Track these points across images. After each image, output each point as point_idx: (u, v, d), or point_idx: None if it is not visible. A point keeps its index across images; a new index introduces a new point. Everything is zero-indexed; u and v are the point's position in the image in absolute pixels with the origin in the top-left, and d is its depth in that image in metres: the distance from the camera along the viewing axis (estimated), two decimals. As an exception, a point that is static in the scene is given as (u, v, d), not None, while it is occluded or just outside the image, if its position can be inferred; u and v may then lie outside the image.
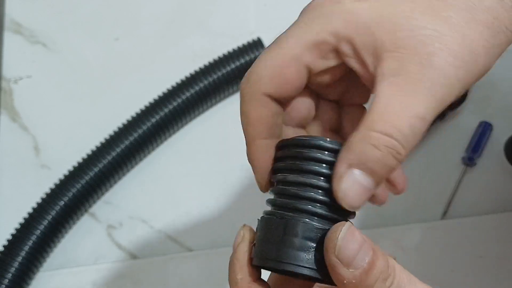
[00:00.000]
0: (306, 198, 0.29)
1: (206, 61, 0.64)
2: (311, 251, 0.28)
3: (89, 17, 0.72)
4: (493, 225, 0.57)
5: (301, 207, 0.28)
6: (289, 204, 0.29)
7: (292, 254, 0.28)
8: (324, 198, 0.28)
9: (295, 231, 0.28)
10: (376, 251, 0.27)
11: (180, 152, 0.64)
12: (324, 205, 0.29)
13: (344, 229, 0.27)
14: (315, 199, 0.28)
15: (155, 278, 0.59)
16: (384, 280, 0.27)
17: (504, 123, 0.61)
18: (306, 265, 0.28)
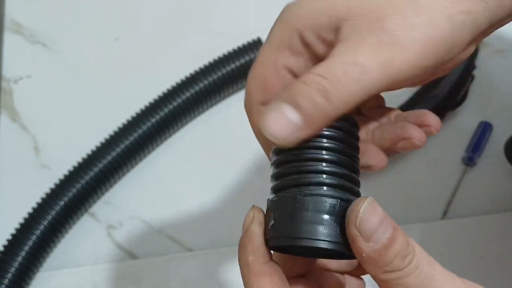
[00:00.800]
0: (312, 172, 0.28)
1: (206, 61, 0.64)
2: (328, 224, 0.28)
3: (89, 17, 0.72)
4: (493, 225, 0.57)
5: (309, 180, 0.28)
6: (297, 181, 0.29)
7: (309, 229, 0.27)
8: (332, 169, 0.29)
9: (309, 206, 0.28)
10: (397, 228, 0.28)
11: (180, 152, 0.64)
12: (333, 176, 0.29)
13: (366, 202, 0.27)
14: (322, 171, 0.28)
15: (155, 278, 0.59)
16: (403, 258, 0.27)
17: (504, 123, 0.61)
18: (325, 238, 0.27)
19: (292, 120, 0.27)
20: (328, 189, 0.28)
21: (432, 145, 0.61)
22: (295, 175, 0.29)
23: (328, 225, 0.27)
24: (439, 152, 0.61)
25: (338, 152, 0.29)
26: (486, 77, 0.63)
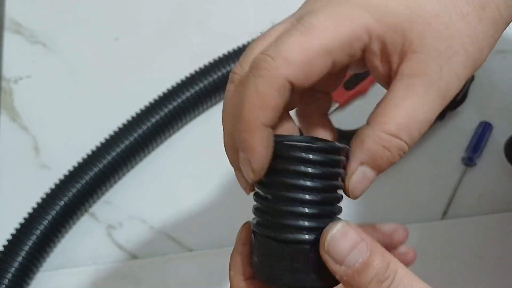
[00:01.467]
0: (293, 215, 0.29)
1: (206, 61, 0.64)
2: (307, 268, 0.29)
3: (89, 17, 0.72)
4: (493, 225, 0.57)
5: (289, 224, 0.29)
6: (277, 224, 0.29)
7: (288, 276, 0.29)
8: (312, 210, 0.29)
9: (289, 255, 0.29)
10: (374, 251, 0.27)
11: (180, 152, 0.64)
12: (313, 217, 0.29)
13: (335, 228, 0.28)
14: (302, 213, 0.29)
15: (155, 278, 0.59)
16: (379, 282, 0.27)
17: (504, 123, 0.61)
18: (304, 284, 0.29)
19: (371, 179, 0.30)
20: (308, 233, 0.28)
21: (432, 145, 0.61)
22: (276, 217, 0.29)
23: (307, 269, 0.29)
24: (439, 152, 0.61)
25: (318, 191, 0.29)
26: (486, 77, 0.63)
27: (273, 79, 0.27)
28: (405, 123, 0.28)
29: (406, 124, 0.28)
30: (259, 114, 0.28)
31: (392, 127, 0.28)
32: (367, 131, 0.29)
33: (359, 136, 0.29)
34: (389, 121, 0.28)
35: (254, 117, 0.28)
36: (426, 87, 0.28)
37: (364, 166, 0.29)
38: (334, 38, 0.28)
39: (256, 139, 0.28)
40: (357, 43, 0.28)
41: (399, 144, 0.28)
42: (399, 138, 0.28)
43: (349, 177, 0.29)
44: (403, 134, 0.28)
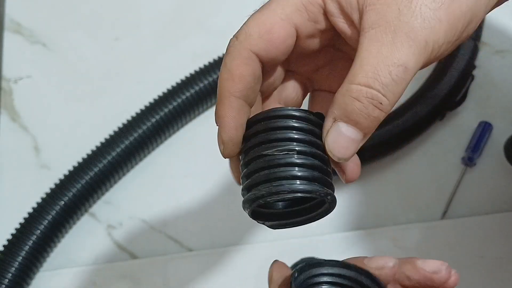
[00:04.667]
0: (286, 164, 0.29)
1: (206, 61, 0.64)
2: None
3: (89, 17, 0.72)
4: (493, 225, 0.57)
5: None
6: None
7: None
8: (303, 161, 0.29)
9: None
10: None
11: (180, 152, 0.64)
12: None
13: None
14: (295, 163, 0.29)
15: (155, 278, 0.59)
16: None
17: (504, 123, 0.61)
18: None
19: (354, 139, 0.29)
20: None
21: (432, 145, 0.61)
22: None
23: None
24: (439, 152, 0.61)
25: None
26: (486, 77, 0.63)
27: (238, 52, 0.30)
28: (371, 70, 0.27)
29: (372, 71, 0.27)
30: (228, 85, 0.30)
31: (358, 77, 0.28)
32: (338, 89, 0.29)
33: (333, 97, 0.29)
34: (356, 72, 0.28)
35: (224, 89, 0.30)
36: (389, 34, 0.27)
37: (339, 122, 0.29)
38: (287, 5, 0.30)
39: (225, 109, 0.30)
40: (312, 6, 0.30)
41: (369, 92, 0.27)
42: (367, 86, 0.27)
43: (325, 135, 0.29)
44: (371, 81, 0.27)
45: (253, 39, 0.30)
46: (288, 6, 0.30)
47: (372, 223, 0.58)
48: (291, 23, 0.30)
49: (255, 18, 0.30)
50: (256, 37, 0.30)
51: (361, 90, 0.28)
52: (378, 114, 0.28)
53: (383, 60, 0.27)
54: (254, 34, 0.30)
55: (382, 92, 0.27)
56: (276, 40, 0.30)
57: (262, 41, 0.30)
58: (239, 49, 0.30)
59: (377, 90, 0.27)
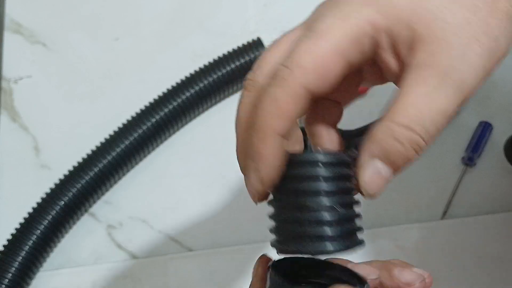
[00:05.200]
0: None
1: (206, 61, 0.64)
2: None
3: (89, 17, 0.72)
4: (493, 225, 0.57)
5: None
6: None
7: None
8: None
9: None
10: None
11: (180, 152, 0.64)
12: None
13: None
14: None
15: (155, 278, 0.59)
16: None
17: (504, 123, 0.61)
18: None
19: (386, 176, 0.28)
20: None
21: (432, 145, 0.61)
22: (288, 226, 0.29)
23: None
24: (439, 152, 0.61)
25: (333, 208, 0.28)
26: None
27: (290, 88, 0.27)
28: (416, 114, 0.27)
29: (417, 115, 0.27)
30: (274, 123, 0.28)
31: (403, 118, 0.27)
32: (378, 124, 0.28)
33: (370, 131, 0.28)
34: (399, 112, 0.27)
35: (269, 125, 0.28)
36: (438, 79, 0.27)
37: (377, 160, 0.28)
38: (342, 37, 0.28)
39: (268, 148, 0.28)
40: (365, 38, 0.28)
41: (412, 136, 0.27)
42: (411, 130, 0.27)
43: (360, 172, 0.28)
44: (415, 125, 0.27)
45: (307, 73, 0.28)
46: (342, 37, 0.28)
47: (372, 223, 0.58)
48: (345, 56, 0.28)
49: (308, 48, 0.28)
50: (310, 72, 0.28)
51: (404, 133, 0.27)
52: (414, 157, 0.28)
53: (429, 106, 0.27)
54: (308, 67, 0.27)
55: (424, 138, 0.27)
56: (330, 76, 0.28)
57: (316, 77, 0.28)
58: (291, 83, 0.27)
59: (420, 136, 0.27)
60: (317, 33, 0.28)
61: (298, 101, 0.28)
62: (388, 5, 0.28)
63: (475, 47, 0.27)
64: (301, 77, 0.27)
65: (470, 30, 0.27)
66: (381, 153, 0.28)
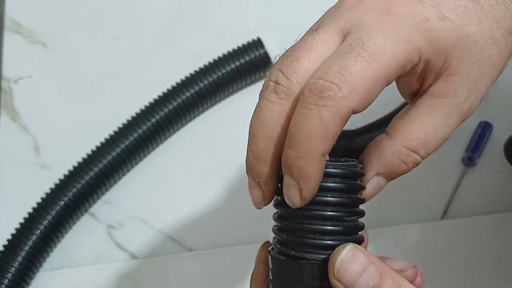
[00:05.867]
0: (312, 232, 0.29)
1: (206, 61, 0.64)
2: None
3: (89, 17, 0.72)
4: (493, 225, 0.57)
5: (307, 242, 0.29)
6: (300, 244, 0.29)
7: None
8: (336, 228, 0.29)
9: (310, 274, 0.28)
10: (384, 274, 0.27)
11: (180, 152, 0.64)
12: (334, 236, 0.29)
13: (344, 252, 0.27)
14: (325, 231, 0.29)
15: (155, 278, 0.59)
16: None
17: (504, 123, 0.61)
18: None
19: (383, 187, 0.32)
20: (327, 252, 0.28)
21: (432, 145, 0.61)
22: (295, 235, 0.29)
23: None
24: (439, 152, 0.60)
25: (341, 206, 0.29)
26: (486, 77, 0.63)
27: (340, 109, 0.27)
28: (425, 140, 0.29)
29: (426, 140, 0.29)
30: (321, 144, 0.27)
31: (413, 143, 0.29)
32: (387, 143, 0.30)
33: (378, 147, 0.30)
34: (411, 136, 0.29)
35: (315, 147, 0.27)
36: (452, 108, 0.29)
37: (380, 176, 0.31)
38: (393, 62, 0.27)
39: (314, 168, 0.28)
40: (410, 65, 0.28)
41: (416, 158, 0.30)
42: (417, 154, 0.30)
43: (365, 184, 0.31)
44: (421, 150, 0.30)
45: (358, 96, 0.27)
46: (394, 63, 0.27)
47: (372, 223, 0.58)
48: (389, 79, 0.28)
49: (363, 70, 0.27)
50: (361, 95, 0.27)
51: (410, 156, 0.30)
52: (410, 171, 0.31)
53: (436, 132, 0.29)
54: (360, 91, 0.27)
55: (424, 158, 0.30)
56: (373, 98, 0.28)
57: (364, 99, 0.27)
58: (342, 106, 0.27)
59: (421, 157, 0.30)
60: (372, 54, 0.27)
61: (344, 123, 0.28)
62: (437, 35, 0.28)
63: (488, 81, 0.30)
64: (352, 100, 0.27)
65: (489, 65, 0.29)
66: (387, 172, 0.31)
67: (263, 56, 0.63)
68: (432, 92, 0.29)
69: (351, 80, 0.27)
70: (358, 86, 0.27)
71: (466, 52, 0.28)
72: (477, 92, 0.29)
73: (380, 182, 0.31)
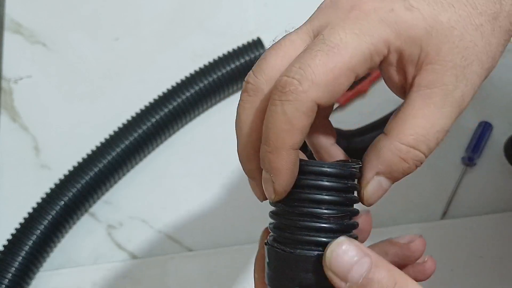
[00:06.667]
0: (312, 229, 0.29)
1: (206, 61, 0.64)
2: (316, 279, 0.29)
3: (89, 17, 0.72)
4: (493, 225, 0.57)
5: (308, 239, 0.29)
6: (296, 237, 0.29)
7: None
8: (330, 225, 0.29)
9: (299, 265, 0.29)
10: (379, 266, 0.27)
11: (180, 152, 0.64)
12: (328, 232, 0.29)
13: (335, 243, 0.28)
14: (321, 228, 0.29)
15: (155, 278, 0.59)
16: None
17: (504, 123, 0.61)
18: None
19: (386, 188, 0.31)
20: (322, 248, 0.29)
21: (432, 145, 0.61)
22: (290, 231, 0.29)
23: (318, 281, 0.28)
24: (439, 152, 0.61)
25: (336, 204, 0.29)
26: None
27: (301, 103, 0.27)
28: (423, 134, 0.29)
29: (424, 134, 0.29)
30: (287, 138, 0.28)
31: (410, 138, 0.29)
32: (384, 141, 0.29)
33: (376, 146, 0.30)
34: (407, 132, 0.29)
35: (282, 140, 0.28)
36: (443, 98, 0.29)
37: (380, 176, 0.30)
38: (356, 54, 0.28)
39: (283, 162, 0.28)
40: (377, 56, 0.28)
41: (417, 155, 0.29)
42: (417, 150, 0.29)
43: (365, 187, 0.30)
44: (421, 145, 0.29)
45: (319, 89, 0.27)
46: (358, 55, 0.28)
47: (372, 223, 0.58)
48: (355, 71, 0.28)
49: (323, 63, 0.27)
50: (322, 87, 0.27)
51: (410, 152, 0.29)
52: (414, 171, 0.30)
53: (433, 125, 0.29)
54: (321, 84, 0.27)
55: (426, 154, 0.29)
56: (339, 90, 0.28)
57: (327, 92, 0.28)
58: (303, 100, 0.27)
59: (423, 153, 0.29)
60: (331, 47, 0.28)
61: (309, 116, 0.28)
62: (405, 25, 0.28)
63: (477, 68, 0.29)
64: (313, 93, 0.27)
65: (475, 52, 0.29)
66: (387, 171, 0.30)
67: (263, 56, 0.63)
68: (418, 83, 0.29)
69: (310, 74, 0.27)
70: (317, 79, 0.27)
71: (443, 39, 0.28)
72: (466, 80, 0.29)
73: (381, 183, 0.31)
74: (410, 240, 0.34)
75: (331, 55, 0.27)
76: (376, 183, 0.30)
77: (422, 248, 0.35)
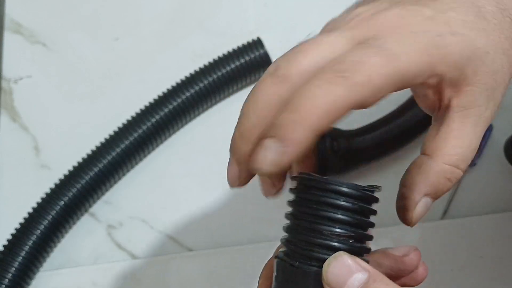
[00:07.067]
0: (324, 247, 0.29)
1: (206, 61, 0.64)
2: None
3: (89, 17, 0.72)
4: (493, 225, 0.57)
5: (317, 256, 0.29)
6: (306, 252, 0.29)
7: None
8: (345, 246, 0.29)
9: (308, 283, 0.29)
10: (375, 279, 0.28)
11: (180, 152, 0.64)
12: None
13: (332, 258, 0.28)
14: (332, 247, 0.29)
15: (155, 278, 0.59)
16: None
17: (504, 123, 0.61)
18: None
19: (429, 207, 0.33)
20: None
21: (432, 145, 0.61)
22: (304, 244, 0.29)
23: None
24: (439, 152, 0.61)
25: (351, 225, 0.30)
26: (486, 77, 0.63)
27: (350, 94, 0.26)
28: (463, 153, 0.31)
29: (463, 154, 0.31)
30: (320, 117, 0.26)
31: (454, 158, 0.31)
32: (430, 163, 0.31)
33: (421, 169, 0.31)
34: (451, 152, 0.31)
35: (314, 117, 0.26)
36: (477, 118, 0.31)
37: (429, 198, 0.32)
38: (411, 67, 0.28)
39: (302, 139, 0.26)
40: (421, 77, 0.29)
41: (459, 173, 0.31)
42: (460, 169, 0.31)
43: (413, 209, 0.32)
44: (461, 164, 0.31)
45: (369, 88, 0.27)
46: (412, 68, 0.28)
47: (372, 223, 0.58)
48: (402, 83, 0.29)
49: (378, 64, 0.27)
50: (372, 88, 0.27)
51: (454, 172, 0.31)
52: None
53: (470, 144, 0.31)
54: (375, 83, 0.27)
55: (463, 171, 0.32)
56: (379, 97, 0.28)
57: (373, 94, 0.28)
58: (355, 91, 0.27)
59: (462, 171, 0.31)
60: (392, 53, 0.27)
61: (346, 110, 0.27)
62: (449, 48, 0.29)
63: (503, 89, 0.31)
64: (365, 89, 0.27)
65: (502, 74, 0.31)
66: (433, 191, 0.32)
67: (263, 56, 0.63)
68: (458, 104, 0.30)
69: (368, 70, 0.26)
70: (374, 78, 0.27)
71: (480, 63, 0.30)
72: (494, 100, 0.31)
73: (427, 204, 0.32)
74: (405, 253, 0.35)
75: (391, 60, 0.27)
76: (424, 204, 0.32)
77: (417, 261, 0.35)
